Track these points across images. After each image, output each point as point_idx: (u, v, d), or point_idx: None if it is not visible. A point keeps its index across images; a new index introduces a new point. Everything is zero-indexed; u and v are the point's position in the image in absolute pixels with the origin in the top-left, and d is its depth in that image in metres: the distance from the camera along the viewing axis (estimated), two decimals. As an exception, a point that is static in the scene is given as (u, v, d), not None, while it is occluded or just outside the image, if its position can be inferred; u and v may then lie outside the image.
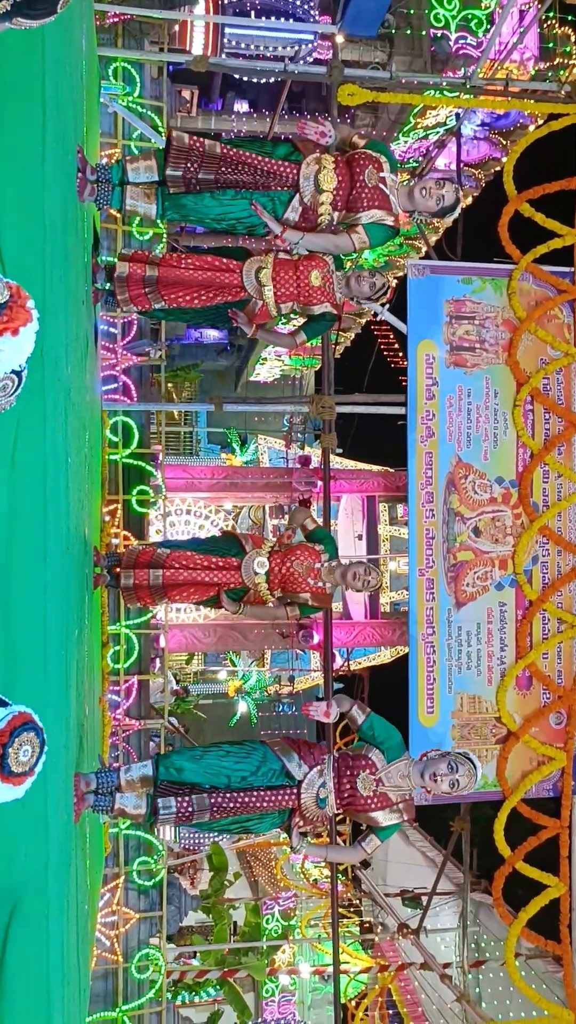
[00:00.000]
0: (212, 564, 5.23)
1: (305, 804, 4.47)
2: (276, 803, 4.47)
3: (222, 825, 4.53)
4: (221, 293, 4.84)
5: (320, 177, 4.67)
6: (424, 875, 12.09)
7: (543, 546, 6.98)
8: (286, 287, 4.90)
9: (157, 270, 4.80)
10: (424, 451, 6.77)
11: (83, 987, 4.58)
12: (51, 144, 2.84)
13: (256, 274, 4.85)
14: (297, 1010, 14.47)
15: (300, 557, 5.11)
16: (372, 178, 4.72)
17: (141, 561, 5.27)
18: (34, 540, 2.68)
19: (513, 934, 6.82)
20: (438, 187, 4.80)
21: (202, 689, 18.70)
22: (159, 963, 8.59)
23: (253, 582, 5.14)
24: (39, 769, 2.17)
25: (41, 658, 2.72)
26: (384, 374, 19.28)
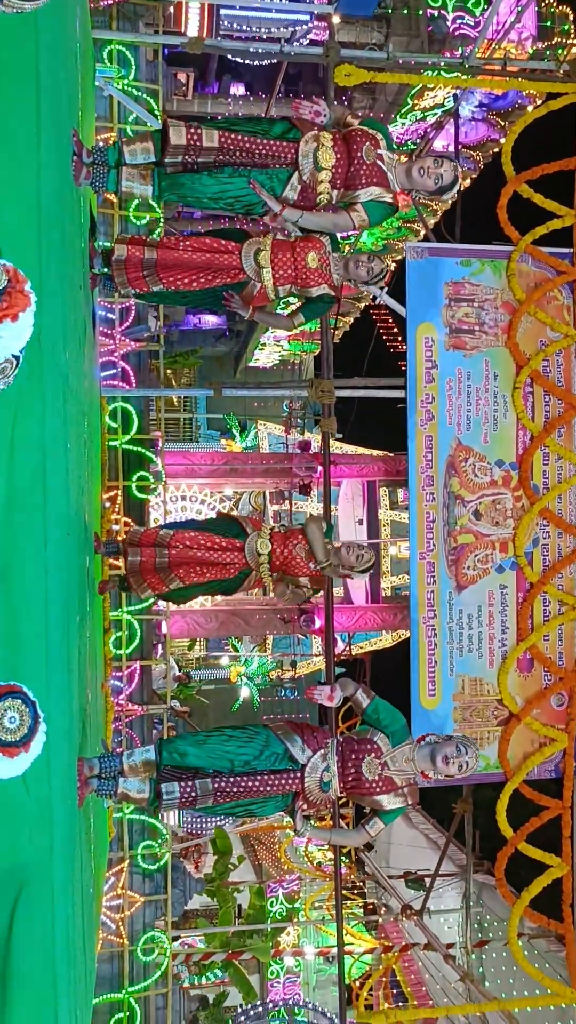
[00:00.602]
0: (215, 544, 5.30)
1: (309, 788, 4.47)
2: (279, 787, 4.47)
3: (225, 809, 4.53)
4: (220, 275, 4.81)
5: (319, 155, 4.63)
6: (427, 857, 12.18)
7: (544, 528, 6.97)
8: (284, 269, 4.87)
9: (155, 252, 4.77)
10: (424, 434, 6.76)
11: (89, 969, 4.62)
12: (46, 128, 2.82)
13: (255, 256, 4.82)
14: (302, 991, 14.58)
15: (302, 541, 5.25)
16: (370, 155, 4.68)
17: (146, 541, 5.32)
18: (34, 525, 2.69)
19: (516, 914, 6.86)
20: (436, 166, 4.75)
21: (205, 675, 18.76)
22: (164, 946, 8.66)
23: (257, 563, 5.27)
24: (37, 747, 2.17)
25: (42, 643, 2.73)
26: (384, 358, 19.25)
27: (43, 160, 2.73)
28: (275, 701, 18.62)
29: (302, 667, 17.61)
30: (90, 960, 4.74)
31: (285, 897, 14.06)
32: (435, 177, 4.75)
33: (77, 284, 4.16)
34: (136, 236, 4.88)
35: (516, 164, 6.89)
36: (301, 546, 5.25)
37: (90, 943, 4.71)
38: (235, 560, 5.28)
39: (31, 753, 2.19)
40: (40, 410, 2.71)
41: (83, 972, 3.98)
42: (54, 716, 2.96)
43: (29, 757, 2.18)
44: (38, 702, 2.23)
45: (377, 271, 4.96)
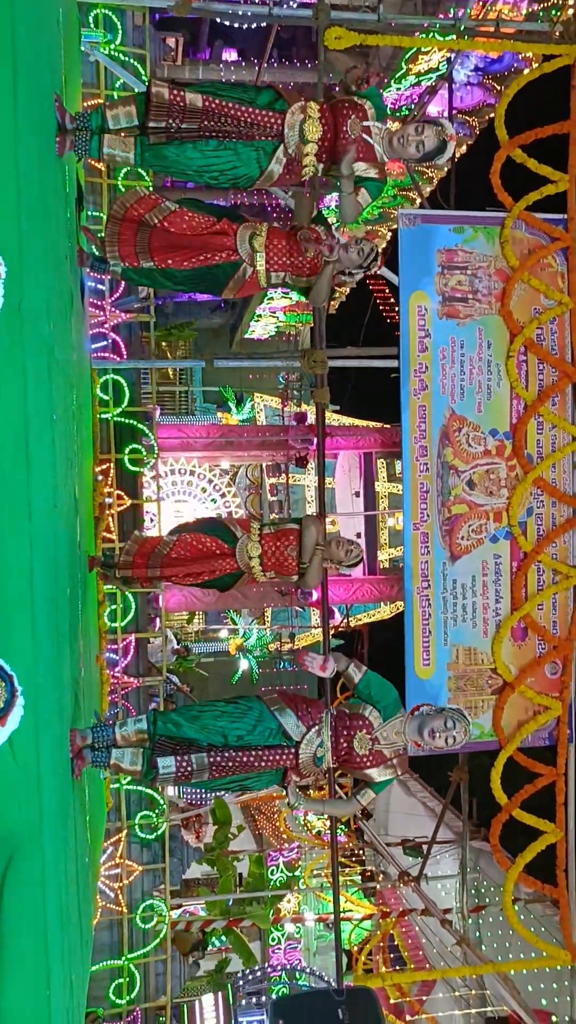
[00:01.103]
0: (211, 549, 5.33)
1: (303, 763, 4.54)
2: (273, 762, 4.53)
3: (220, 784, 4.58)
4: (213, 256, 4.78)
5: (305, 127, 4.56)
6: (424, 824, 12.28)
7: (538, 498, 6.97)
8: (279, 256, 4.84)
9: (149, 236, 4.72)
10: (417, 404, 6.73)
11: (86, 937, 4.67)
12: (24, 94, 2.77)
13: (250, 240, 4.79)
14: (303, 956, 14.79)
15: (294, 541, 5.30)
16: (355, 129, 4.60)
17: (143, 552, 5.41)
18: (17, 497, 2.67)
19: (511, 879, 6.94)
20: (416, 133, 4.67)
21: (203, 648, 18.83)
22: (163, 913, 8.76)
23: (248, 566, 5.33)
24: (14, 721, 2.17)
25: (28, 615, 2.73)
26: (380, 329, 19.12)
27: (20, 127, 2.69)
28: (274, 673, 18.69)
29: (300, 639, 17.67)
30: (86, 928, 4.80)
31: (285, 865, 14.22)
32: (416, 144, 4.68)
33: (62, 254, 4.12)
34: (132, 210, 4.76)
35: (512, 129, 6.79)
36: (292, 548, 5.30)
37: (86, 911, 4.76)
38: (226, 566, 5.35)
39: (8, 727, 2.19)
40: (22, 382, 2.69)
41: (79, 940, 4.02)
42: (43, 687, 2.97)
43: (6, 731, 2.19)
44: (16, 675, 2.23)
45: (367, 251, 4.94)
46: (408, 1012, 10.46)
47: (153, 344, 9.06)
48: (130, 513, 9.01)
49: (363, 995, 5.44)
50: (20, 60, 2.73)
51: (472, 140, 14.56)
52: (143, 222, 4.75)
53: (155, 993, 9.08)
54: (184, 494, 15.93)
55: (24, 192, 2.74)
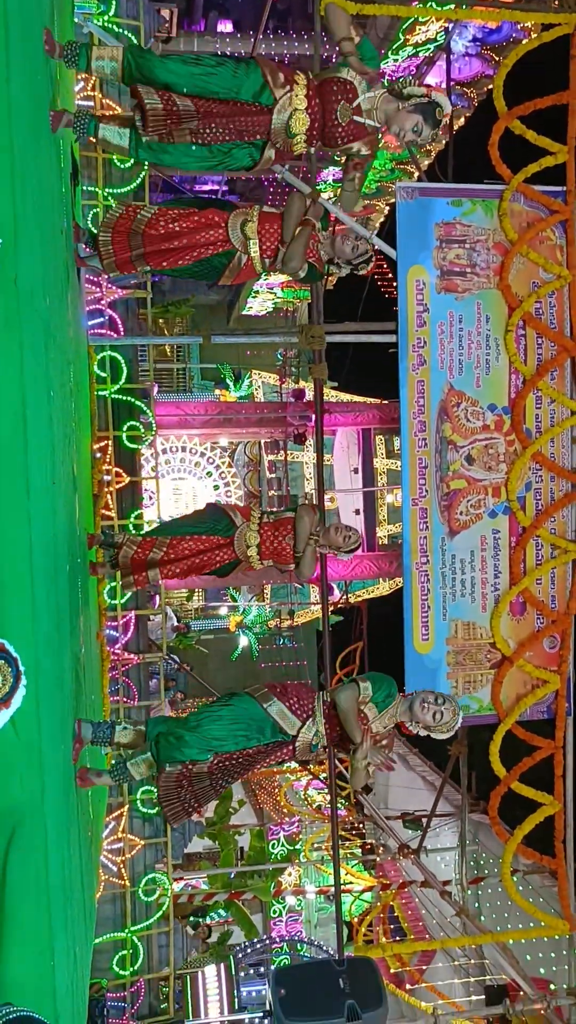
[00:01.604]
0: (205, 547, 5.37)
1: (299, 752, 4.68)
2: (272, 758, 4.70)
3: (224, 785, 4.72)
4: (207, 249, 4.78)
5: (291, 123, 4.58)
6: (424, 798, 12.39)
7: (536, 472, 6.96)
8: (271, 241, 4.83)
9: (142, 243, 4.71)
10: (416, 379, 6.70)
11: (89, 910, 4.72)
12: (16, 62, 2.74)
13: (242, 227, 4.78)
14: (304, 928, 14.96)
15: (291, 530, 5.36)
16: (344, 115, 4.61)
17: (137, 562, 5.42)
18: (15, 474, 2.67)
19: (509, 851, 7.01)
20: (414, 133, 4.72)
21: (203, 625, 18.89)
22: (165, 886, 8.85)
23: (246, 555, 5.39)
24: (17, 702, 2.19)
25: (28, 592, 2.73)
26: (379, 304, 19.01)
27: (13, 97, 2.65)
28: (274, 649, 18.77)
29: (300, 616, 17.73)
30: (90, 901, 4.85)
31: (286, 839, 14.34)
32: (410, 143, 4.74)
33: (57, 229, 4.09)
34: (121, 219, 4.76)
35: (510, 100, 6.72)
36: (289, 536, 5.35)
37: (89, 884, 4.81)
38: (224, 557, 5.40)
39: (11, 708, 2.21)
40: (18, 357, 2.67)
41: (82, 912, 4.06)
42: (44, 663, 2.98)
43: (9, 712, 2.20)
44: (20, 658, 2.24)
45: (363, 251, 5.01)
46: (408, 981, 10.59)
47: (150, 321, 9.00)
48: (129, 490, 9.00)
49: (364, 965, 5.49)
50: (12, 31, 2.70)
51: (470, 112, 14.41)
52: (132, 231, 4.76)
53: (158, 964, 9.20)
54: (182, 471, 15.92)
55: (19, 166, 2.71)
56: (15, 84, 2.72)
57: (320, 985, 5.24)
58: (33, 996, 2.77)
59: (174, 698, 13.63)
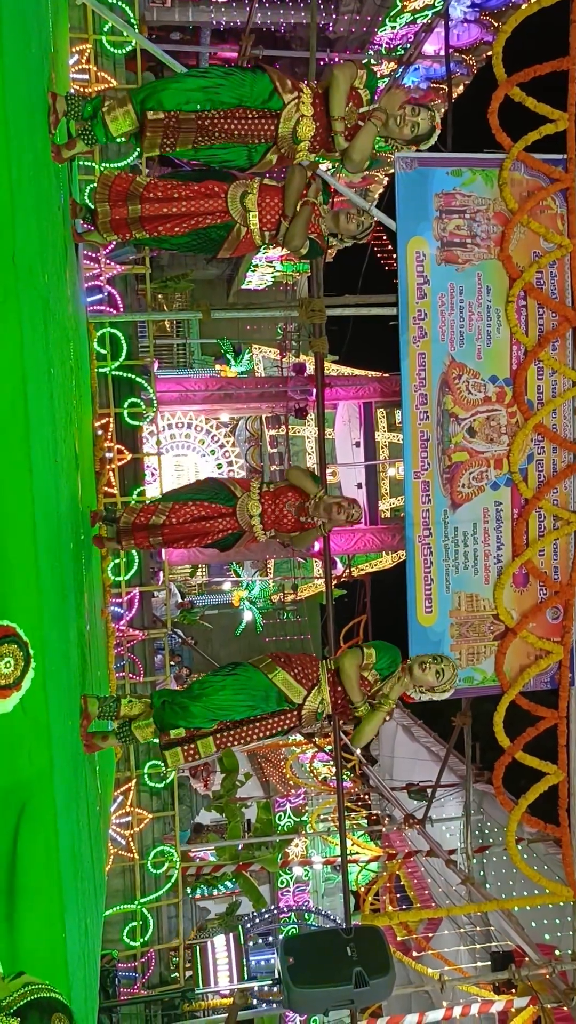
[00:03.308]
0: (208, 514, 5.33)
1: (305, 720, 4.69)
2: (277, 727, 4.71)
3: None
4: (205, 219, 4.73)
5: (299, 129, 4.57)
6: (429, 769, 12.49)
7: (538, 444, 6.94)
8: (271, 214, 4.78)
9: (139, 208, 4.66)
10: (416, 352, 6.67)
11: (99, 883, 4.79)
12: (8, 33, 2.71)
13: (241, 199, 4.73)
14: (312, 898, 15.14)
15: (292, 498, 5.32)
16: (351, 118, 4.64)
17: (139, 526, 5.39)
18: (17, 453, 2.67)
19: (514, 820, 7.07)
20: (412, 114, 4.69)
21: (207, 600, 18.96)
22: (174, 859, 8.95)
23: (249, 525, 5.34)
24: (27, 684, 2.20)
25: (33, 569, 2.74)
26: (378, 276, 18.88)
27: (7, 71, 2.63)
28: (278, 623, 18.86)
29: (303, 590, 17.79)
30: (99, 874, 4.91)
31: (292, 811, 14.48)
32: (411, 126, 4.78)
33: (55, 205, 4.06)
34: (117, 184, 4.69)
35: (509, 67, 6.62)
36: (291, 503, 5.31)
37: (99, 857, 4.87)
38: (227, 526, 5.36)
39: (22, 690, 2.23)
40: (18, 334, 2.67)
41: (92, 884, 4.12)
42: (50, 641, 3.00)
43: (20, 694, 2.23)
44: (30, 641, 2.26)
45: (367, 226, 4.98)
46: (415, 949, 10.73)
47: (149, 296, 8.96)
48: (131, 467, 9.00)
49: (371, 933, 5.56)
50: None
51: (469, 79, 14.24)
52: (130, 192, 4.70)
53: (168, 935, 9.33)
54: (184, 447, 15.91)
55: (15, 141, 2.69)
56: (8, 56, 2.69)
57: (328, 953, 5.32)
58: (45, 967, 2.82)
59: (179, 673, 13.71)
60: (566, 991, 6.94)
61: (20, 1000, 1.69)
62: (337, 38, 13.68)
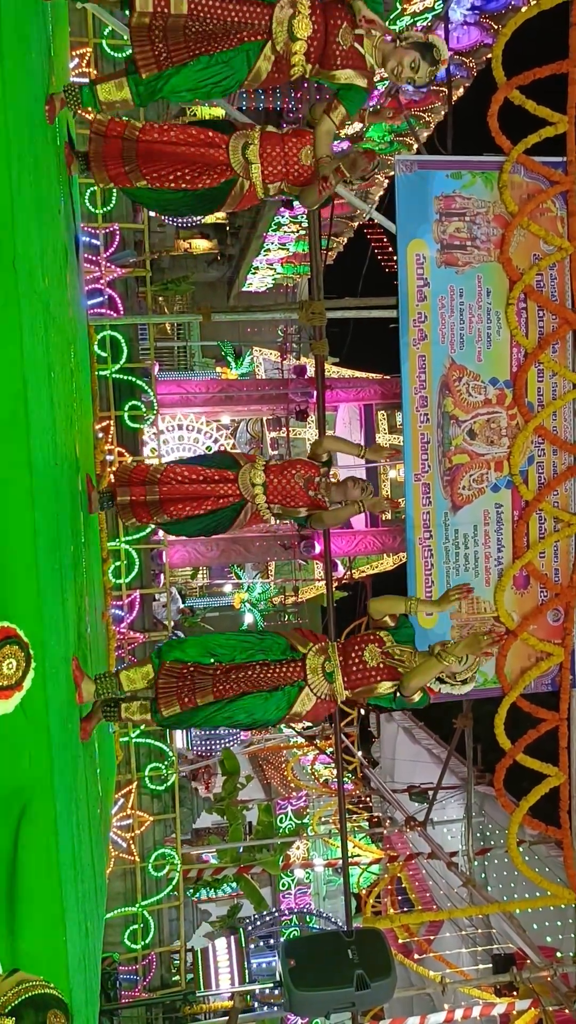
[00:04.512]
0: (208, 477, 5.19)
1: (311, 674, 4.39)
2: (281, 676, 4.40)
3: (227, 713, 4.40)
4: (206, 171, 4.57)
5: (294, 23, 4.31)
6: (430, 771, 12.48)
7: (539, 446, 6.95)
8: (274, 165, 4.61)
9: (136, 144, 4.50)
10: (417, 354, 6.68)
11: (99, 885, 4.78)
12: (8, 38, 2.72)
13: (243, 150, 4.57)
14: (313, 901, 15.13)
15: (300, 470, 5.16)
16: (346, 39, 4.38)
17: (136, 478, 5.23)
18: (18, 455, 2.68)
19: (515, 822, 7.06)
20: (412, 70, 4.50)
21: (208, 602, 18.96)
22: (175, 862, 8.95)
23: (251, 493, 5.15)
24: (27, 684, 2.21)
25: (33, 572, 2.75)
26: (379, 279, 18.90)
27: (7, 75, 2.64)
28: (279, 625, 18.86)
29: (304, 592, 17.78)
30: (100, 876, 4.91)
31: (293, 813, 14.48)
32: (408, 79, 4.55)
33: (55, 208, 4.07)
34: (113, 123, 4.50)
35: (509, 69, 6.63)
36: (300, 475, 5.14)
37: (100, 860, 4.86)
38: (228, 492, 5.16)
39: (23, 691, 2.24)
40: (18, 338, 2.67)
41: (93, 888, 4.12)
42: (50, 643, 3.00)
43: (21, 694, 2.23)
44: (31, 642, 2.27)
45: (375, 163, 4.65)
46: (416, 951, 10.73)
47: (150, 299, 8.97)
48: (131, 470, 8.99)
49: (372, 936, 5.56)
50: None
51: (469, 82, 14.24)
52: (125, 137, 4.55)
53: (169, 938, 9.32)
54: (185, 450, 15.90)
55: (16, 144, 2.70)
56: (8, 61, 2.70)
57: (329, 956, 5.31)
58: (46, 969, 2.82)
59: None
60: (568, 994, 6.94)
61: (15, 999, 1.68)
62: (337, 40, 13.67)
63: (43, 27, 3.87)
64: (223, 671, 4.40)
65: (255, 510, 5.22)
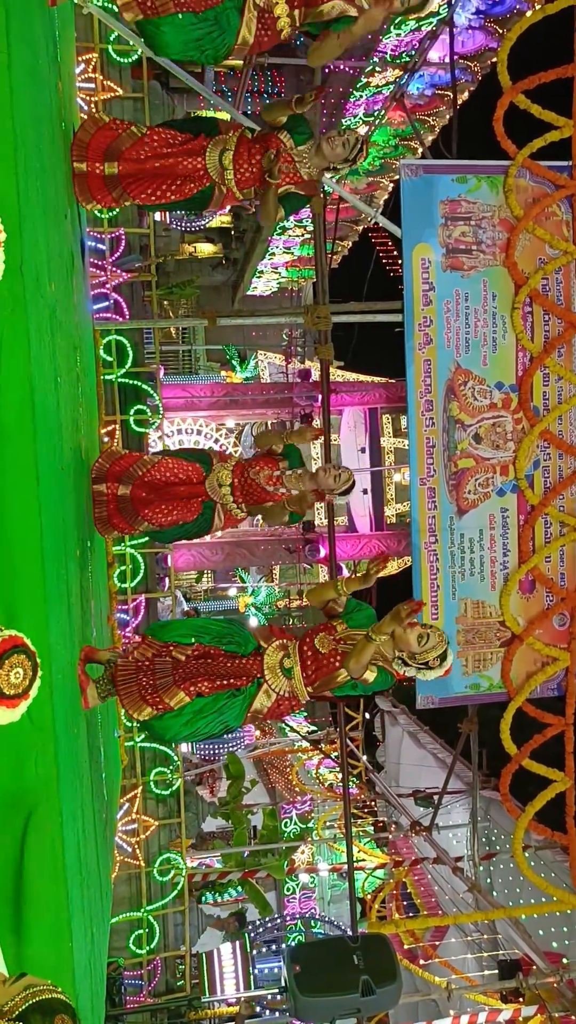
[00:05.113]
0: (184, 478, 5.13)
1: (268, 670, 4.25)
2: (240, 668, 4.25)
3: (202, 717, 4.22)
4: (186, 183, 4.64)
5: None
6: (435, 775, 12.44)
7: (544, 450, 6.94)
8: (245, 172, 4.66)
9: (117, 167, 4.57)
10: (422, 359, 6.68)
11: (105, 890, 4.78)
12: (15, 43, 2.72)
13: (220, 157, 4.62)
14: (317, 905, 15.10)
15: (257, 466, 5.09)
16: None
17: (115, 472, 5.16)
18: (25, 461, 2.67)
19: (521, 827, 7.05)
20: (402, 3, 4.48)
21: (213, 606, 18.97)
22: (180, 866, 8.94)
23: (219, 495, 5.14)
24: (34, 691, 2.21)
25: (40, 578, 2.74)
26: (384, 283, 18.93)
27: (15, 81, 2.64)
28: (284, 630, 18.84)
29: (309, 596, 17.72)
30: (105, 880, 4.90)
31: (298, 818, 14.46)
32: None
33: (62, 213, 4.08)
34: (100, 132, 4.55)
35: (514, 74, 6.64)
36: (255, 471, 5.07)
37: (105, 865, 4.86)
38: (196, 493, 5.13)
39: (29, 699, 2.23)
40: (26, 343, 2.67)
41: (98, 892, 4.11)
42: (55, 649, 3.00)
43: (27, 703, 2.23)
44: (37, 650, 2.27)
45: (353, 142, 4.65)
46: (422, 957, 10.69)
47: (155, 303, 8.98)
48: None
49: (377, 941, 5.55)
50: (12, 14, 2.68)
51: (474, 86, 14.27)
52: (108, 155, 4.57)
53: (174, 943, 9.30)
54: (189, 454, 15.90)
55: (22, 149, 2.70)
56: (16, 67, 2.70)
57: (335, 961, 5.30)
58: (52, 975, 2.81)
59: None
60: (574, 1000, 6.90)
61: (22, 1004, 1.67)
62: (342, 45, 13.71)
63: (50, 32, 3.88)
64: (196, 655, 4.26)
65: (227, 510, 5.20)
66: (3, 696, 2.13)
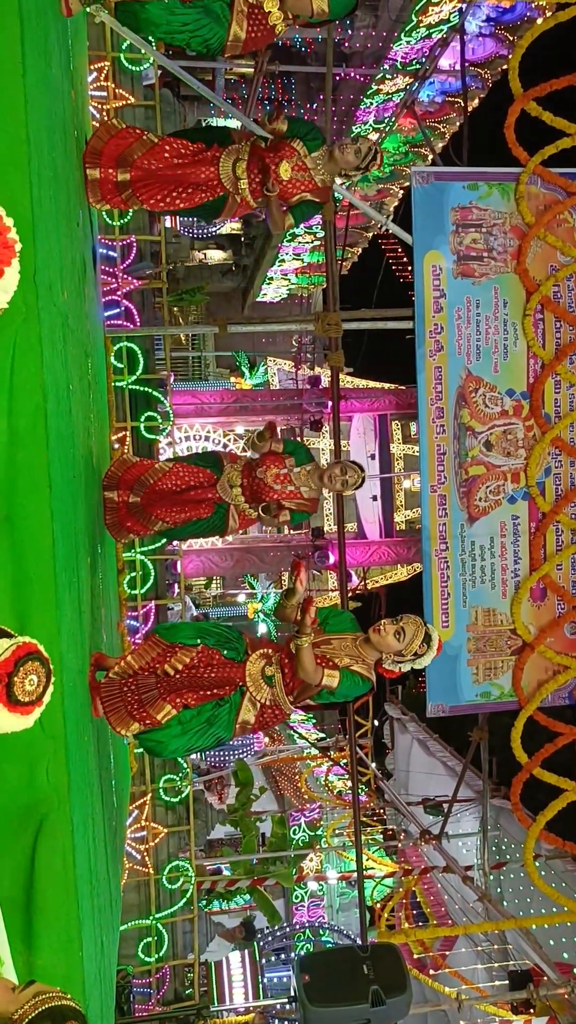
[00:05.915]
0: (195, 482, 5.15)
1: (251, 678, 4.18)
2: (224, 673, 4.19)
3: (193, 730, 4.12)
4: (199, 191, 4.67)
5: None
6: (445, 784, 12.39)
7: (556, 458, 6.92)
8: (258, 181, 4.69)
9: (129, 173, 4.61)
10: (433, 366, 6.67)
11: (115, 898, 4.76)
12: (30, 52, 2.73)
13: (233, 167, 4.65)
14: (326, 914, 15.04)
15: (264, 465, 5.06)
16: None
17: (127, 480, 5.17)
18: (37, 468, 2.68)
19: (532, 836, 7.01)
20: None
21: (222, 612, 18.96)
22: (189, 874, 8.91)
23: (230, 496, 5.14)
24: (47, 698, 2.21)
25: (51, 585, 2.75)
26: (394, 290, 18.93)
27: (28, 89, 2.65)
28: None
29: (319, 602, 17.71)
30: (115, 888, 4.89)
31: (307, 825, 14.41)
32: None
33: (74, 221, 4.09)
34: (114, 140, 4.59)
35: (525, 81, 6.64)
36: (262, 471, 5.05)
37: (115, 873, 4.85)
38: (208, 496, 5.15)
39: (43, 705, 2.23)
40: (39, 351, 2.68)
41: (108, 900, 4.10)
42: (67, 656, 3.00)
43: (40, 709, 2.23)
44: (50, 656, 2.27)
45: (364, 151, 4.69)
46: (431, 966, 10.63)
47: (166, 310, 9.00)
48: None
49: (387, 951, 5.51)
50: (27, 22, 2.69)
51: (485, 93, 14.26)
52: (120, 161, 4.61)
53: (183, 951, 9.27)
54: (199, 460, 15.92)
55: (35, 158, 2.71)
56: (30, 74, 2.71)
57: (344, 971, 5.27)
58: (63, 984, 2.80)
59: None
60: (585, 1011, 6.85)
61: (32, 1011, 1.67)
62: (352, 53, 13.76)
63: (63, 41, 3.89)
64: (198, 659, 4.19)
65: (240, 511, 5.19)
66: (19, 703, 2.13)
